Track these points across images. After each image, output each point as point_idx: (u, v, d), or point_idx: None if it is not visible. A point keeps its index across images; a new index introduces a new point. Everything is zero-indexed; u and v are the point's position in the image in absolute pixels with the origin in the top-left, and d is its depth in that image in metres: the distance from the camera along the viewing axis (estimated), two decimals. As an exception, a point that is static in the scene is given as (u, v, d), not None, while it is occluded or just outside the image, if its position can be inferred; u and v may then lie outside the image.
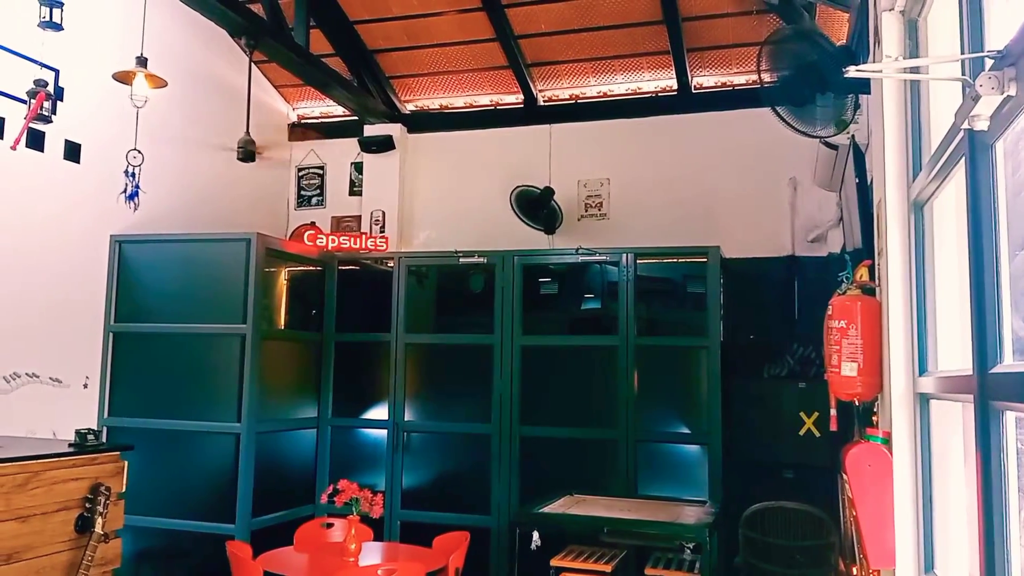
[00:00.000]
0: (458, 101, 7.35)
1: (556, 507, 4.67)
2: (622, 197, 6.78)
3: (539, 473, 5.60)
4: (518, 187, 6.64)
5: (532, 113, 7.10)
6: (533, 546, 4.27)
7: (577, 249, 5.76)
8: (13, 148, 4.68)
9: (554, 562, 4.32)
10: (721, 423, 5.27)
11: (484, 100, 7.29)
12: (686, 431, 5.54)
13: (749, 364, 5.83)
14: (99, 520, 3.22)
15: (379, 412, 6.06)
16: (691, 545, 4.20)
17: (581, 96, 7.06)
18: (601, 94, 7.01)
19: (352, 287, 6.33)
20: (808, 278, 6.00)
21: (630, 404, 5.46)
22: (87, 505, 3.25)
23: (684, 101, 6.68)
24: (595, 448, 5.55)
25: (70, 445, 3.39)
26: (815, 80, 3.90)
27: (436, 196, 7.30)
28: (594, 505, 4.78)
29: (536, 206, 6.64)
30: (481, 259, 5.93)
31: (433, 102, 7.41)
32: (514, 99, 7.20)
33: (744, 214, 6.32)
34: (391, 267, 6.13)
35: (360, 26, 6.73)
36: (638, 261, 5.61)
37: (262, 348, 5.44)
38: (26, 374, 4.93)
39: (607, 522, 4.38)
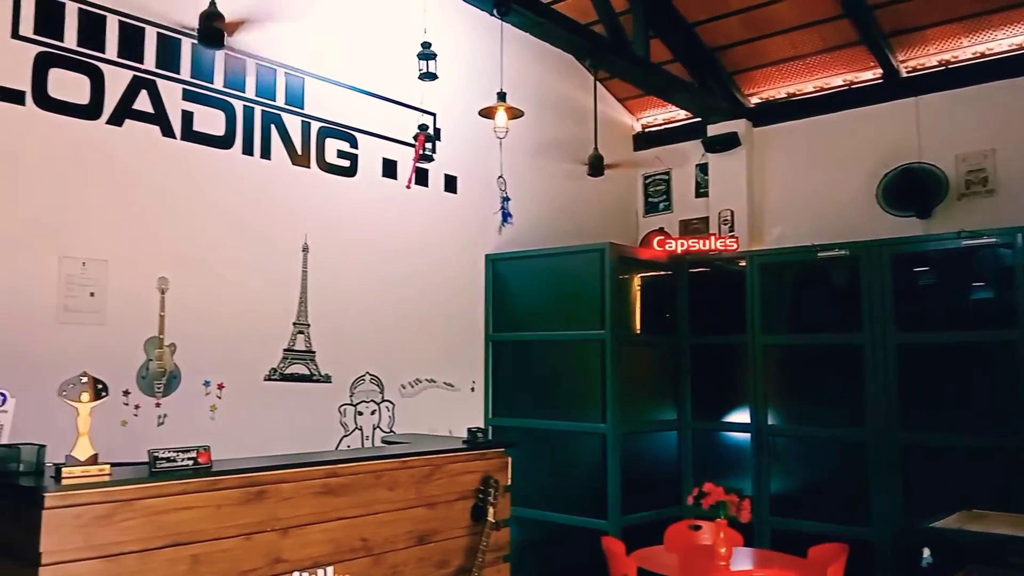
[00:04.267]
0: (807, 86, 6.97)
1: (949, 522, 4.16)
2: (1012, 169, 5.88)
3: (926, 483, 5.05)
4: (885, 174, 6.09)
5: (893, 87, 6.48)
6: (924, 564, 3.86)
7: (959, 233, 5.11)
8: (408, 187, 5.45)
9: (951, 583, 3.86)
10: None
11: (837, 81, 6.81)
12: (1119, 440, 4.61)
13: None
14: (491, 509, 3.59)
15: (740, 415, 5.94)
16: None
17: (953, 61, 6.26)
18: (977, 55, 6.15)
19: (704, 289, 6.30)
20: None
21: (1039, 407, 4.69)
22: (479, 496, 3.64)
23: (1091, 46, 5.61)
24: (996, 457, 4.85)
25: (464, 442, 3.82)
26: None
27: (788, 189, 6.98)
28: (997, 522, 4.17)
29: (909, 189, 6.03)
30: (843, 252, 5.53)
31: (779, 91, 7.11)
32: (871, 75, 6.63)
33: None
34: (743, 267, 5.99)
35: (699, 27, 6.70)
36: (1040, 241, 4.82)
37: (620, 352, 5.65)
38: (426, 380, 5.70)
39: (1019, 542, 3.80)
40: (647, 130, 7.93)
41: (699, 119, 7.30)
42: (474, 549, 3.55)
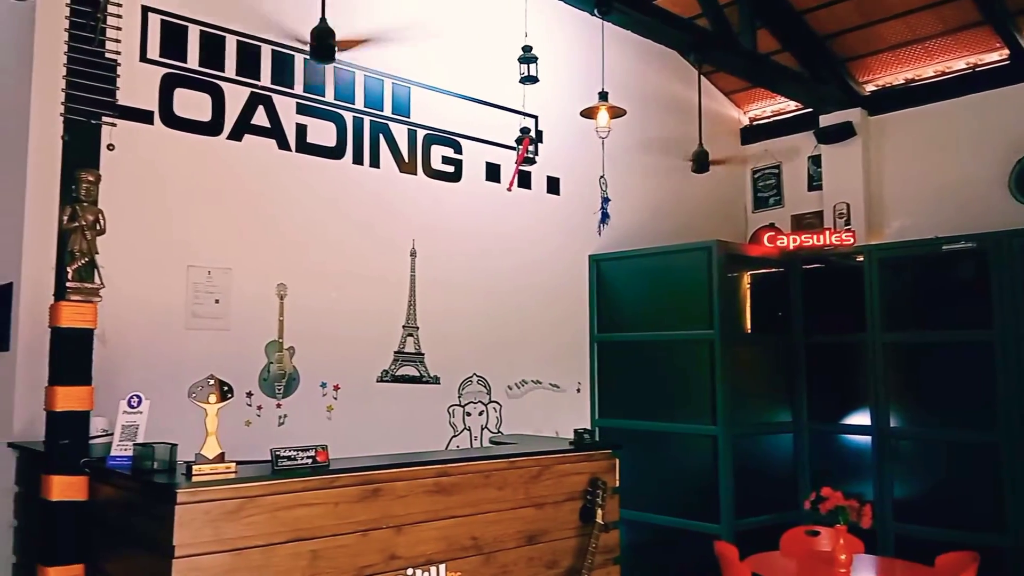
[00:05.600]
0: (927, 71, 6.61)
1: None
2: None
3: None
4: (1018, 161, 5.71)
5: (1022, 68, 6.07)
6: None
7: (1100, 221, 4.75)
8: (509, 189, 5.50)
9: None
10: None
11: (959, 64, 6.44)
12: None
13: None
14: (599, 511, 3.57)
15: (860, 417, 5.69)
16: None
17: (1091, 35, 5.82)
18: (1121, 27, 5.70)
19: (818, 286, 6.07)
20: None
21: None
22: (587, 497, 3.63)
23: None
24: None
25: (570, 443, 3.82)
26: None
27: (908, 179, 6.65)
28: None
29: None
30: (970, 244, 5.22)
31: (897, 77, 6.78)
32: (997, 56, 6.24)
33: None
34: (860, 262, 5.74)
35: (809, 15, 6.47)
36: None
37: (730, 352, 5.52)
38: (532, 381, 5.73)
39: None
40: (755, 123, 7.71)
41: (810, 109, 7.06)
42: (583, 550, 3.55)
